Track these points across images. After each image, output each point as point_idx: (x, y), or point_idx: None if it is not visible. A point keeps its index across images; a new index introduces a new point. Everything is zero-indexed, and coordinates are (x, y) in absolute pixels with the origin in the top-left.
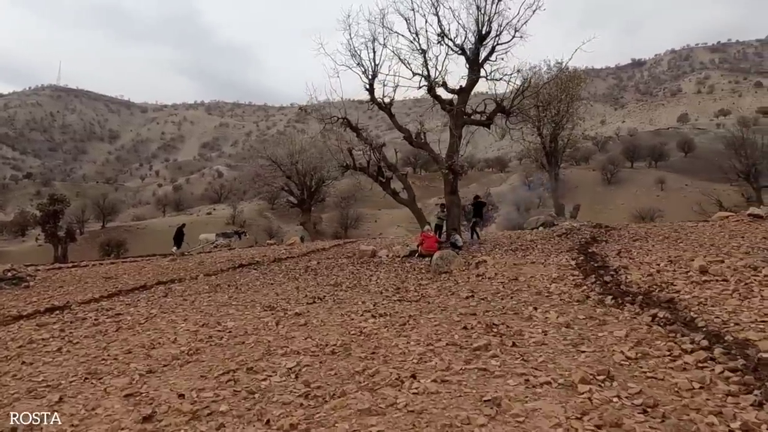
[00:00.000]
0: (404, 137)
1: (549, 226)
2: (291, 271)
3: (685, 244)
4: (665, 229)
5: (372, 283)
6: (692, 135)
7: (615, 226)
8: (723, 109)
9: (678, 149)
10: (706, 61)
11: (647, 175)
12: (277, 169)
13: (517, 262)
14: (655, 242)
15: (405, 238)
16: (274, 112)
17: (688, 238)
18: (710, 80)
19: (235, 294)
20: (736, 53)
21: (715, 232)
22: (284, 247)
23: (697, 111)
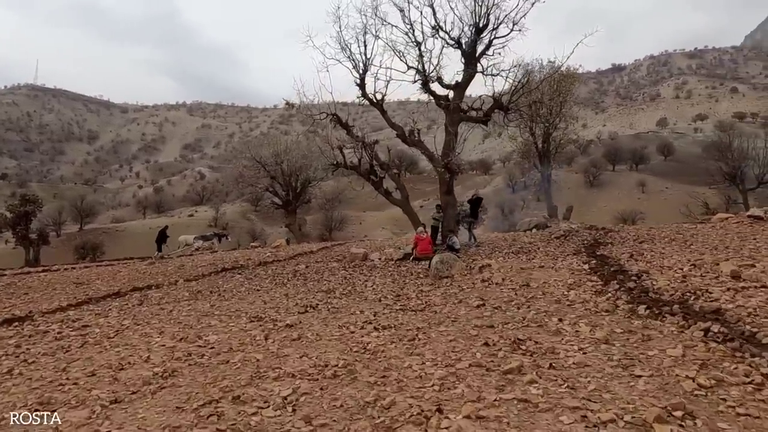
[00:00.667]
0: (397, 135)
1: (542, 228)
2: (278, 275)
3: (696, 247)
4: (666, 231)
5: (368, 289)
6: (671, 139)
7: (612, 228)
8: (700, 114)
9: (658, 153)
10: (683, 67)
11: (628, 178)
12: (261, 169)
13: (523, 266)
14: (663, 245)
15: (396, 241)
16: (258, 113)
17: (697, 240)
18: (688, 85)
19: (218, 302)
20: (712, 59)
21: (721, 234)
22: (269, 250)
23: (675, 115)
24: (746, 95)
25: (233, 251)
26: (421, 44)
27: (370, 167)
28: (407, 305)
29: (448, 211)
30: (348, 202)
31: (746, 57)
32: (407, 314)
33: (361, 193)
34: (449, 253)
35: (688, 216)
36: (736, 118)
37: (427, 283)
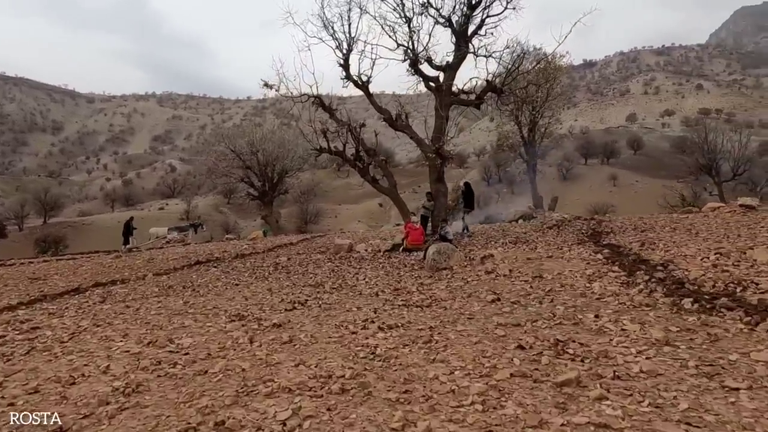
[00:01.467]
0: (384, 119)
1: (528, 218)
2: (258, 268)
3: (705, 235)
4: (660, 220)
5: (361, 282)
6: (641, 134)
7: (603, 218)
8: (668, 110)
9: (628, 147)
10: (652, 64)
11: (600, 172)
12: (236, 159)
13: (530, 256)
14: (668, 233)
15: (380, 232)
16: (230, 105)
17: (701, 229)
18: (656, 82)
19: (193, 298)
20: (679, 56)
21: (722, 223)
22: (246, 242)
23: (644, 111)
24: (711, 92)
25: (207, 243)
26: (411, 20)
27: (356, 153)
28: (410, 300)
29: (439, 199)
30: (323, 195)
31: (711, 55)
32: (412, 311)
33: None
34: (446, 243)
35: (666, 207)
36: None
37: (425, 275)
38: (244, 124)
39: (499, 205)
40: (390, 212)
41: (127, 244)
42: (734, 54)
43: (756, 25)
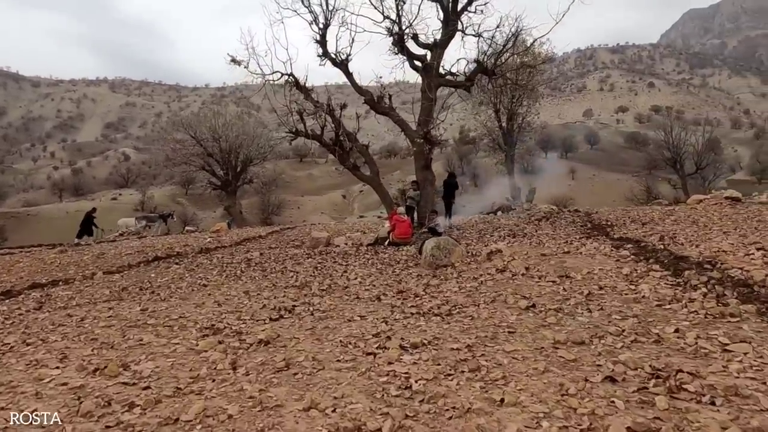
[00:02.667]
0: (365, 101)
1: (506, 210)
2: (228, 265)
3: (720, 228)
4: (651, 212)
5: (353, 282)
6: (596, 129)
7: (590, 209)
8: (622, 106)
9: (585, 142)
10: (607, 61)
11: (560, 165)
12: (196, 146)
13: (543, 252)
14: (676, 226)
15: (356, 223)
16: (188, 92)
17: (707, 221)
18: (611, 79)
19: (152, 304)
20: (632, 55)
21: (722, 215)
22: (209, 235)
23: (599, 107)
24: (662, 90)
25: (166, 236)
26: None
27: (336, 137)
28: (422, 306)
29: (426, 188)
30: (285, 187)
31: (662, 54)
32: (432, 321)
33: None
34: (445, 237)
35: (634, 200)
36: (652, 111)
37: (426, 273)
38: (204, 109)
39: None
40: (353, 204)
41: (90, 235)
42: (683, 54)
43: (702, 27)
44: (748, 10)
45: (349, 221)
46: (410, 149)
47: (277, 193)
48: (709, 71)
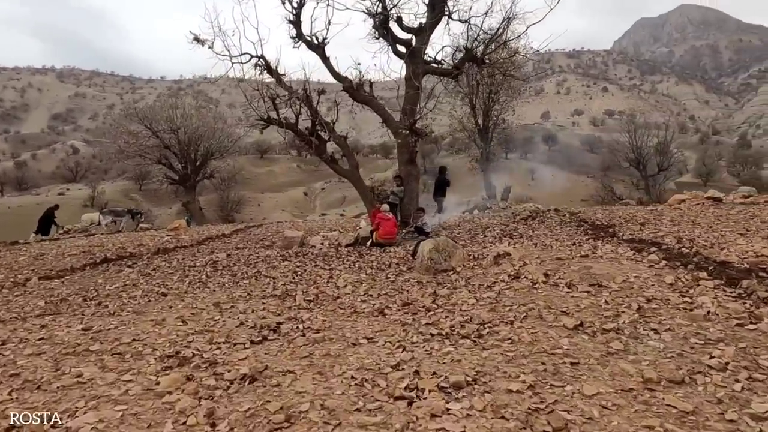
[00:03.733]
0: (344, 87)
1: (482, 209)
2: (191, 269)
3: (726, 228)
4: (638, 213)
5: (344, 291)
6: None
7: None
8: (577, 109)
9: (543, 143)
10: (564, 66)
11: (520, 165)
12: (152, 137)
13: (559, 255)
14: (681, 227)
15: (326, 221)
16: (142, 84)
17: (707, 222)
18: (567, 83)
19: (98, 320)
20: (587, 60)
21: (713, 216)
22: (166, 233)
23: (556, 110)
24: (615, 95)
25: (117, 234)
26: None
27: (313, 126)
28: (440, 324)
29: (411, 184)
30: (245, 183)
31: (615, 60)
32: (462, 346)
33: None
34: (444, 238)
35: (599, 200)
36: (606, 115)
37: (426, 280)
38: (162, 99)
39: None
40: (315, 201)
41: (46, 234)
42: (634, 61)
43: (652, 35)
44: (693, 21)
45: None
46: (374, 147)
47: (237, 189)
48: (658, 78)
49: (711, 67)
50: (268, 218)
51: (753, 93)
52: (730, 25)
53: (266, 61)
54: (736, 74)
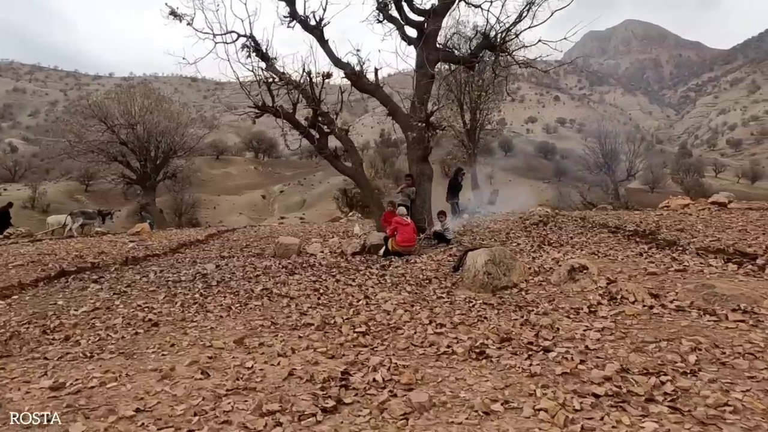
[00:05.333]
0: (345, 75)
1: (472, 213)
2: (178, 285)
3: None
4: (661, 218)
5: (397, 317)
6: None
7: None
8: (531, 117)
9: (500, 149)
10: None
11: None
12: (107, 132)
13: (652, 270)
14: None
15: (319, 227)
16: (89, 80)
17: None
18: (522, 91)
19: (70, 368)
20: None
21: (743, 222)
22: (128, 238)
23: (512, 116)
24: (566, 104)
25: (69, 239)
26: None
27: (314, 116)
28: (587, 376)
29: (424, 184)
30: (199, 185)
31: (565, 71)
32: (664, 418)
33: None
34: (500, 248)
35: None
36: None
37: (489, 300)
38: (119, 90)
39: None
40: (274, 205)
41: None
42: (584, 72)
43: (600, 48)
44: (637, 36)
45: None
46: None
47: (191, 191)
48: (605, 89)
49: (653, 79)
50: (224, 221)
51: (691, 105)
52: (670, 40)
53: (256, 41)
54: (676, 87)
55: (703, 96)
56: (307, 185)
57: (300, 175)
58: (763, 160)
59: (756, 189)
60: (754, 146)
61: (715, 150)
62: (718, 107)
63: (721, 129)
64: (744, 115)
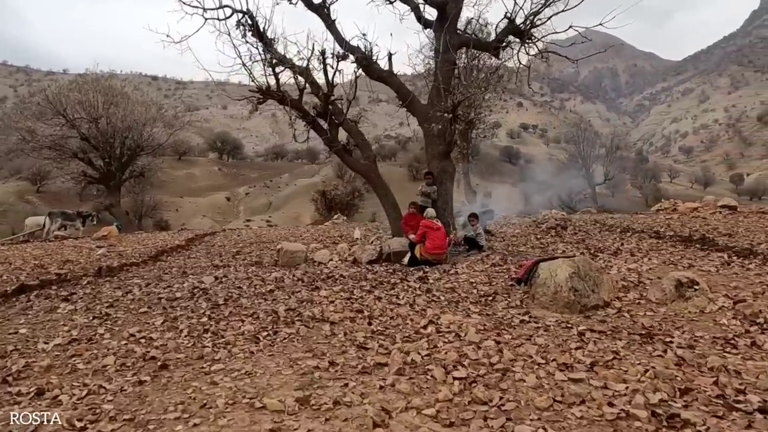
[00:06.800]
0: (356, 59)
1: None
2: (172, 304)
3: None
4: (695, 222)
5: (489, 352)
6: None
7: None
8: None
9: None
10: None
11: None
12: (65, 126)
13: (758, 279)
14: None
15: (319, 231)
16: (40, 76)
17: None
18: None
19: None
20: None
21: (761, 224)
22: (96, 243)
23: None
24: (529, 110)
25: (24, 244)
26: None
27: (325, 104)
28: None
29: (446, 184)
30: (160, 186)
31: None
32: None
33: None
34: (583, 258)
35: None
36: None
37: (589, 325)
38: (79, 80)
39: None
40: (239, 207)
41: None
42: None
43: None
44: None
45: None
46: (299, 152)
47: (152, 192)
48: (566, 96)
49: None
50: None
51: (646, 113)
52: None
53: (253, 19)
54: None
55: (657, 105)
56: (274, 187)
57: (266, 176)
58: (713, 167)
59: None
60: (704, 153)
61: (668, 156)
62: (670, 115)
63: (674, 137)
64: (695, 123)
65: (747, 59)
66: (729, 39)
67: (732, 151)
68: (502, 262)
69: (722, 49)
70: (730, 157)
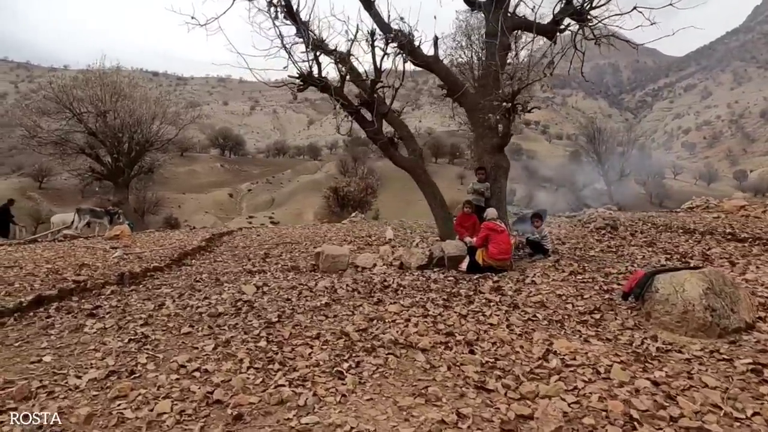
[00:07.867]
0: (399, 45)
1: None
2: (217, 321)
3: None
4: (739, 221)
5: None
6: None
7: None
8: None
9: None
10: None
11: (449, 171)
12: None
13: None
14: None
15: (359, 229)
16: (42, 72)
17: None
18: None
19: None
20: None
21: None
22: (109, 244)
23: None
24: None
25: (33, 245)
26: None
27: (371, 93)
28: None
29: (500, 181)
30: (162, 183)
31: None
32: None
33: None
34: (713, 270)
35: None
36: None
37: (751, 358)
38: (87, 73)
39: None
40: (242, 204)
41: (4, 237)
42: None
43: None
44: None
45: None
46: (300, 148)
47: (154, 189)
48: (568, 92)
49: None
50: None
51: (648, 109)
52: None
53: None
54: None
55: (660, 101)
56: (276, 184)
57: (268, 173)
58: (716, 163)
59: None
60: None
61: (671, 152)
62: (673, 111)
63: (676, 133)
64: (697, 119)
65: (750, 55)
66: (731, 35)
67: (735, 147)
68: (582, 270)
69: (725, 44)
70: (732, 153)
